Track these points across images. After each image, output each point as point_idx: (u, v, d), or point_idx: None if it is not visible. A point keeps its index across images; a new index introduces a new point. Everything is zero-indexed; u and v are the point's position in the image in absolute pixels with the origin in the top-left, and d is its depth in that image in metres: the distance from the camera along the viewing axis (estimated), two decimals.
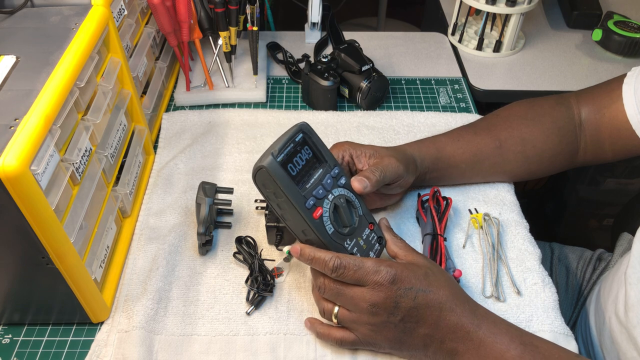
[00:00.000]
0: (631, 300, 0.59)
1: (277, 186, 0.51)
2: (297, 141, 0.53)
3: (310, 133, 0.54)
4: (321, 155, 0.55)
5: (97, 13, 0.58)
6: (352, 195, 0.56)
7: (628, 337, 0.60)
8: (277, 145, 0.51)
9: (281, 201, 0.52)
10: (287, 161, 0.51)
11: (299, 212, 0.52)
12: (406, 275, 0.51)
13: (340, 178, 0.56)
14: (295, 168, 0.52)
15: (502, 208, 0.70)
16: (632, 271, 0.60)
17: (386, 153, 0.63)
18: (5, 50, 0.53)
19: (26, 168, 0.42)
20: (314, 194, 0.53)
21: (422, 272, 0.52)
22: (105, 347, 0.56)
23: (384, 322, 0.51)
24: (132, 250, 0.65)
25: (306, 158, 0.54)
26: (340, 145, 0.64)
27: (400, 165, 0.62)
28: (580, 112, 0.70)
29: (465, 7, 1.00)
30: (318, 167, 0.55)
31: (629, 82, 0.66)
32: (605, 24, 0.99)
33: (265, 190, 0.53)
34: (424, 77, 0.95)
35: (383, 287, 0.50)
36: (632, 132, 0.65)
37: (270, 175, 0.50)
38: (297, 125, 0.54)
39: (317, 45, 1.00)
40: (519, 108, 0.72)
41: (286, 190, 0.51)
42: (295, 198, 0.51)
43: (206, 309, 0.59)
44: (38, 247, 0.47)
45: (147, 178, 0.74)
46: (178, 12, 0.79)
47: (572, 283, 0.80)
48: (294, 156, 0.52)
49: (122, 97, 0.66)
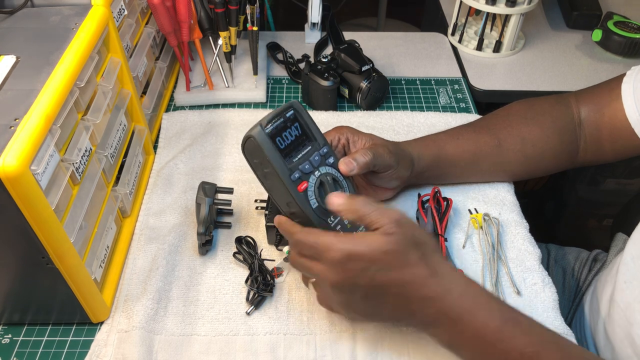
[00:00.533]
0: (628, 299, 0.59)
1: (264, 156, 0.51)
2: (288, 117, 0.54)
3: (301, 110, 0.55)
4: (311, 133, 0.55)
5: (97, 13, 0.58)
6: (339, 176, 0.56)
7: (622, 336, 0.60)
8: (267, 118, 0.52)
9: (267, 172, 0.53)
10: (276, 134, 0.52)
11: (284, 183, 0.52)
12: (362, 253, 0.47)
13: (329, 157, 0.56)
14: (283, 142, 0.53)
15: (502, 208, 0.70)
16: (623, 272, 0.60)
17: (381, 142, 0.63)
18: (5, 50, 0.53)
19: (26, 168, 0.42)
20: (300, 168, 0.53)
21: (384, 248, 0.47)
22: (105, 347, 0.56)
23: (348, 299, 0.50)
24: (132, 250, 0.65)
25: (295, 134, 0.54)
26: (339, 128, 0.64)
27: (392, 156, 0.62)
28: (580, 111, 0.70)
29: (465, 7, 1.00)
30: (307, 144, 0.55)
31: (628, 82, 0.66)
32: (605, 24, 0.99)
33: (252, 161, 0.54)
34: (424, 77, 0.95)
35: (337, 266, 0.48)
36: (632, 131, 0.65)
37: (258, 145, 0.51)
38: (288, 103, 0.55)
39: (317, 45, 1.00)
40: (519, 107, 0.72)
41: (273, 161, 0.51)
42: (281, 169, 0.52)
43: (206, 309, 0.59)
44: (38, 247, 0.47)
45: (147, 178, 0.74)
46: (178, 12, 0.79)
47: (568, 284, 0.80)
48: (283, 130, 0.53)
49: (122, 97, 0.66)
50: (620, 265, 0.61)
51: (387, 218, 0.48)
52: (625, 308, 0.59)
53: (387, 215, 0.48)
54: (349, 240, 0.48)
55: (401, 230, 0.48)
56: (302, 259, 0.52)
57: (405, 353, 0.56)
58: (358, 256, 0.47)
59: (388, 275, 0.47)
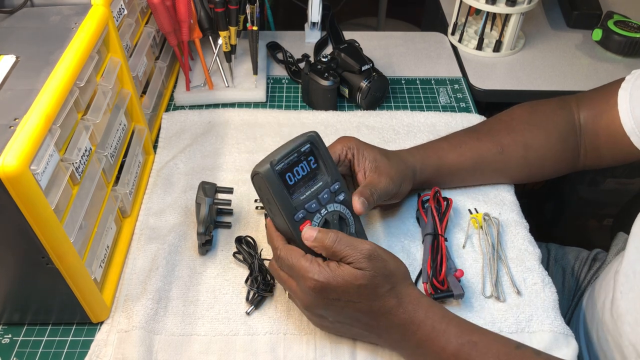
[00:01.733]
0: (621, 309, 0.59)
1: (269, 193, 0.52)
2: (302, 151, 0.53)
3: (318, 144, 0.54)
4: (325, 168, 0.55)
5: (97, 13, 0.58)
6: (347, 213, 0.57)
7: (615, 344, 0.60)
8: (279, 154, 0.52)
9: (272, 207, 0.53)
10: (287, 170, 0.52)
11: (287, 222, 0.53)
12: (336, 286, 0.50)
13: (340, 194, 0.56)
14: (293, 177, 0.53)
15: (502, 208, 0.70)
16: (624, 279, 0.60)
17: (385, 169, 0.62)
18: (5, 50, 0.53)
19: (26, 168, 0.42)
20: (306, 207, 0.53)
21: (356, 282, 0.50)
22: (105, 347, 0.56)
23: (319, 317, 0.54)
24: (132, 250, 0.65)
25: (308, 169, 0.54)
26: (346, 141, 0.63)
27: (393, 185, 0.61)
28: (579, 116, 0.70)
29: (465, 7, 1.00)
30: (319, 179, 0.55)
31: (626, 88, 0.65)
32: (605, 23, 0.99)
33: (260, 193, 0.54)
34: (424, 77, 0.95)
35: (311, 292, 0.51)
36: (627, 138, 0.65)
37: (265, 183, 0.51)
38: (306, 135, 0.54)
39: (317, 45, 1.00)
40: (522, 112, 0.72)
41: (277, 200, 0.52)
42: (285, 208, 0.52)
43: (206, 309, 0.59)
44: (38, 247, 0.47)
45: (147, 178, 0.74)
46: (178, 11, 0.79)
47: (568, 284, 0.80)
48: (296, 165, 0.53)
49: (122, 96, 0.66)
50: (619, 275, 0.61)
51: (359, 253, 0.50)
52: (617, 318, 0.59)
53: (358, 251, 0.51)
54: (324, 271, 0.50)
55: (372, 265, 0.50)
56: (280, 272, 0.55)
57: None
58: (331, 288, 0.50)
59: (358, 306, 0.51)
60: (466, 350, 0.49)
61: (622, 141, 0.65)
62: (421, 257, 0.64)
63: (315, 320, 0.55)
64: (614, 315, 0.60)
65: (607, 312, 0.62)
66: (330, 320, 0.53)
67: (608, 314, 0.61)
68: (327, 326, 0.55)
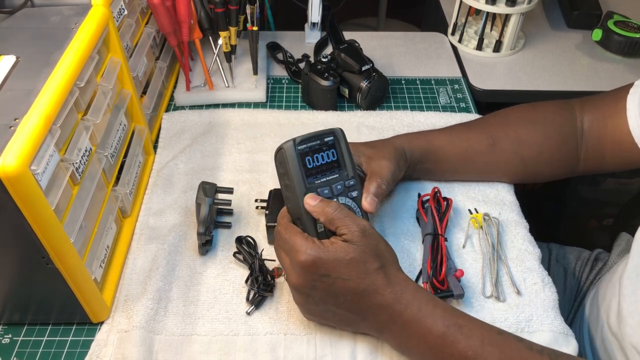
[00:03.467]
0: (624, 312, 0.59)
1: (287, 169, 0.54)
2: (325, 141, 0.56)
3: (340, 139, 0.57)
4: (344, 162, 0.57)
5: (97, 13, 0.58)
6: (357, 210, 0.58)
7: (619, 347, 0.60)
8: (304, 136, 0.55)
9: (288, 184, 0.55)
10: (307, 153, 0.55)
11: (298, 200, 0.54)
12: (326, 261, 0.50)
13: (353, 191, 0.57)
14: (312, 162, 0.55)
15: (502, 208, 0.70)
16: (627, 282, 0.59)
17: (378, 155, 0.63)
18: (5, 50, 0.53)
19: (26, 168, 0.42)
20: (319, 191, 0.55)
21: (348, 256, 0.50)
22: (105, 347, 0.56)
23: (305, 298, 0.53)
24: (132, 250, 0.65)
25: (327, 160, 0.56)
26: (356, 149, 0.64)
27: (394, 166, 0.62)
28: (583, 120, 0.69)
29: (465, 7, 1.00)
30: (336, 172, 0.57)
31: (634, 93, 0.64)
32: (605, 23, 0.99)
33: (279, 170, 0.56)
34: (424, 77, 0.95)
35: (302, 268, 0.51)
36: (635, 145, 0.63)
37: (285, 157, 0.54)
38: (332, 129, 0.57)
39: (317, 45, 1.00)
40: (520, 110, 0.71)
41: (294, 177, 0.54)
42: (299, 187, 0.54)
43: (206, 309, 0.59)
44: (38, 247, 0.47)
45: (147, 178, 0.74)
46: (178, 12, 0.79)
47: (570, 284, 0.80)
48: (317, 152, 0.56)
49: (122, 97, 0.66)
50: (624, 278, 0.61)
51: (355, 226, 0.52)
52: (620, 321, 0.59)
53: (355, 224, 0.52)
54: (316, 247, 0.51)
55: (365, 241, 0.51)
56: (278, 248, 0.56)
57: None
58: (321, 262, 0.50)
59: (347, 283, 0.51)
60: (452, 332, 0.49)
61: (629, 148, 0.64)
62: (421, 257, 0.64)
63: (301, 302, 0.54)
64: (619, 318, 0.60)
65: (613, 316, 0.61)
66: (315, 301, 0.53)
67: (614, 317, 0.61)
68: (312, 309, 0.54)
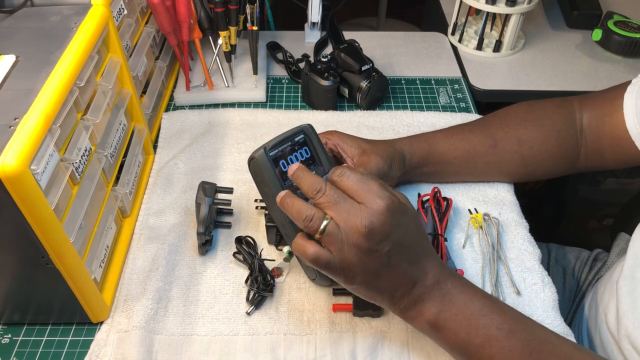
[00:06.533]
0: (621, 311, 0.59)
1: (263, 177, 0.54)
2: (296, 141, 0.55)
3: (311, 135, 0.57)
4: (318, 158, 0.57)
5: (97, 13, 0.58)
6: None
7: (617, 347, 0.60)
8: (274, 142, 0.54)
9: (266, 192, 0.55)
10: (281, 157, 0.54)
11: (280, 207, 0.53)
12: (401, 209, 0.48)
13: None
14: (287, 165, 0.55)
15: (502, 208, 0.70)
16: (624, 282, 0.60)
17: (371, 149, 0.63)
18: (5, 50, 0.53)
19: (26, 168, 0.42)
20: (298, 192, 0.53)
21: (410, 208, 0.50)
22: (105, 347, 0.56)
23: (371, 250, 0.47)
24: (132, 250, 0.65)
25: (302, 158, 0.56)
26: (327, 134, 0.65)
27: (384, 164, 0.62)
28: (582, 117, 0.69)
29: (465, 7, 1.00)
30: (312, 168, 0.56)
31: (631, 91, 0.64)
32: (605, 24, 0.99)
33: (255, 179, 0.56)
34: (424, 77, 0.95)
35: (383, 212, 0.46)
36: (632, 143, 0.64)
37: (259, 167, 0.54)
38: (300, 126, 0.56)
39: (317, 45, 1.00)
40: (519, 109, 0.72)
41: (270, 183, 0.54)
42: (276, 192, 0.52)
43: (206, 308, 0.59)
44: (38, 247, 0.47)
45: (146, 178, 0.74)
46: (178, 11, 0.79)
47: (569, 284, 0.80)
48: (290, 154, 0.55)
49: (122, 96, 0.66)
50: (620, 279, 0.61)
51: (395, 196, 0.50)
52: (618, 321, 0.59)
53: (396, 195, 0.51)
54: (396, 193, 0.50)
55: None
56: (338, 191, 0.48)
57: (405, 353, 0.56)
58: (400, 209, 0.48)
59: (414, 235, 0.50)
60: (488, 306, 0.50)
61: (626, 145, 0.64)
62: None
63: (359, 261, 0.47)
64: (617, 317, 0.60)
65: (611, 316, 0.61)
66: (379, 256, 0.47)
67: (612, 318, 0.61)
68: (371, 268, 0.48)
